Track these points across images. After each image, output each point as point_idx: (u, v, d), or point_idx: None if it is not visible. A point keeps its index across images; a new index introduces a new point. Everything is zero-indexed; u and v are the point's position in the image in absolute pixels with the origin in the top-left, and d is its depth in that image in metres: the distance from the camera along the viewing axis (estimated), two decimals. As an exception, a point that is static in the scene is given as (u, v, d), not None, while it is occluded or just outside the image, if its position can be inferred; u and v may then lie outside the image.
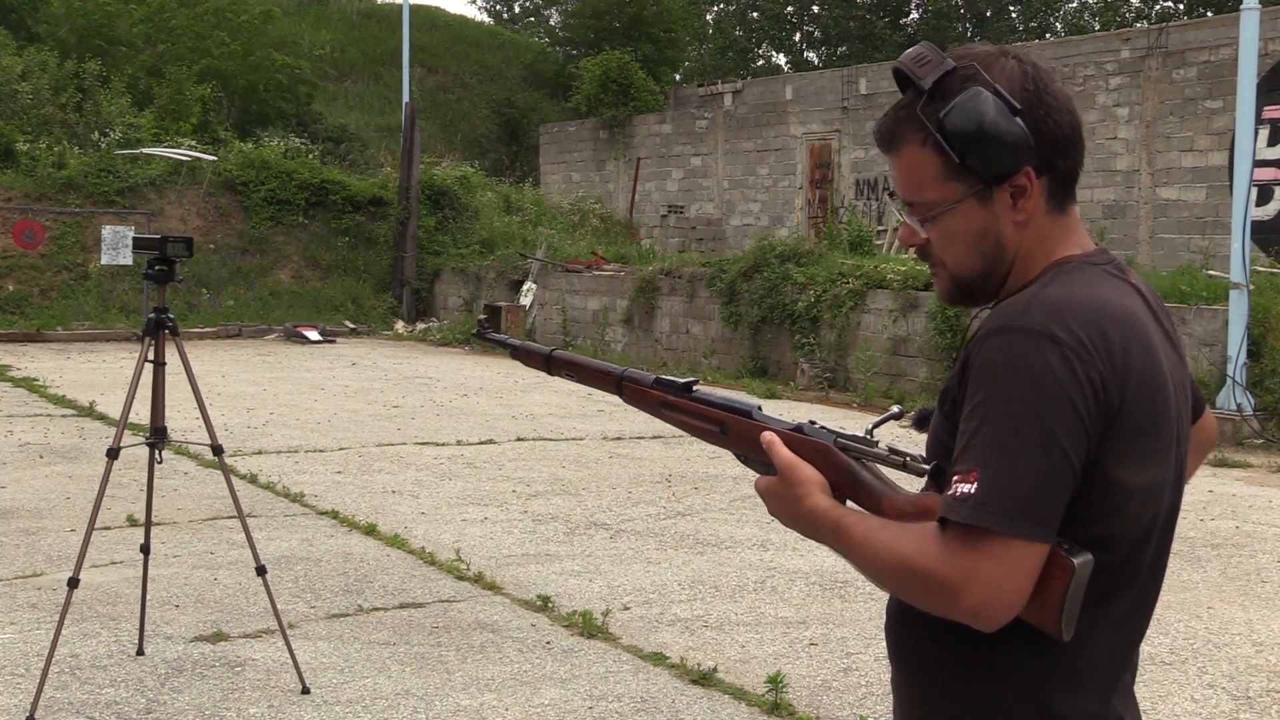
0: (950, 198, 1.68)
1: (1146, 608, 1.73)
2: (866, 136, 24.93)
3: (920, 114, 1.66)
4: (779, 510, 1.75)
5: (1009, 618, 1.52)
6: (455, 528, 7.58)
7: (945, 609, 1.53)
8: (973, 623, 1.52)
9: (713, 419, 1.87)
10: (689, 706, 4.67)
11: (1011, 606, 1.51)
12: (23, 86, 25.73)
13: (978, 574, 1.49)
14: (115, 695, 4.70)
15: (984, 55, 1.69)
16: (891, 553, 1.57)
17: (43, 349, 19.33)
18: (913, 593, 1.57)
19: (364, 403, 13.52)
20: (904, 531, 1.59)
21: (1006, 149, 1.63)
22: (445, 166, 27.92)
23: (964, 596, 1.50)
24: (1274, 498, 8.90)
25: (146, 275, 4.92)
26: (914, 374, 14.23)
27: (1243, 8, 11.70)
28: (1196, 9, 37.98)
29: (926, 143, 1.67)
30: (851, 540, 1.63)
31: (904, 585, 1.58)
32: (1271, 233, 17.11)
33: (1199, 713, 4.67)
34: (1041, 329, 1.56)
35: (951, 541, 1.51)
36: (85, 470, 9.15)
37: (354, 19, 43.24)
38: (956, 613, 1.52)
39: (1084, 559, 1.53)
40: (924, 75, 1.66)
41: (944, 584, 1.51)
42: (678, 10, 40.84)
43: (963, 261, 1.72)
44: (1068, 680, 1.65)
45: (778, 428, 1.80)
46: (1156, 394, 1.62)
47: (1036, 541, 1.51)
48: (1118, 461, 1.58)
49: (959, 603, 1.51)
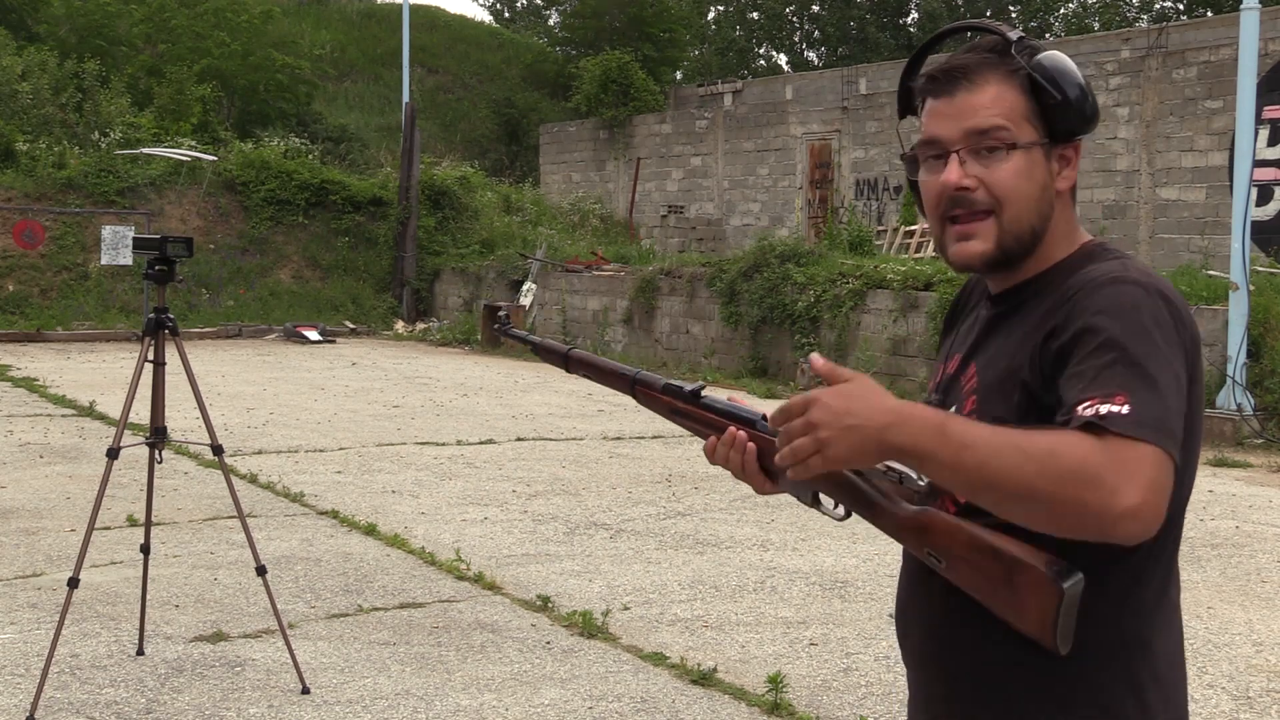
0: (1030, 137, 1.69)
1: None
2: (866, 136, 24.95)
3: (1015, 53, 1.70)
4: (856, 407, 1.50)
5: (1157, 526, 1.47)
6: (455, 528, 7.58)
7: (1099, 507, 1.44)
8: (1125, 525, 1.45)
9: (718, 427, 1.85)
10: (689, 706, 4.67)
11: (1160, 516, 1.47)
12: (23, 86, 25.74)
13: (1142, 476, 1.45)
14: (115, 695, 4.70)
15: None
16: (1039, 446, 1.45)
17: (43, 349, 19.33)
18: (1059, 491, 1.44)
19: (364, 403, 13.52)
20: (1046, 431, 1.49)
21: (1085, 109, 1.68)
22: (445, 166, 27.93)
23: (1125, 495, 1.43)
24: (1274, 498, 8.90)
25: (146, 275, 4.92)
26: (914, 374, 14.23)
27: (1243, 8, 11.70)
28: (1196, 9, 37.98)
29: (1011, 79, 1.69)
30: (971, 432, 1.49)
31: (1049, 482, 1.44)
32: (1271, 233, 17.12)
33: (1199, 713, 4.67)
34: (1157, 287, 1.60)
35: (1113, 446, 1.45)
36: (85, 470, 9.15)
37: (354, 19, 43.26)
38: (1112, 511, 1.44)
39: (1074, 581, 1.53)
40: (1008, 30, 1.70)
41: (1104, 480, 1.43)
42: (678, 10, 40.86)
43: (1022, 211, 1.70)
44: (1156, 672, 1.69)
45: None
46: (1202, 378, 1.67)
47: (1175, 465, 1.50)
48: (1187, 430, 1.60)
49: (1118, 500, 1.43)
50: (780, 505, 8.37)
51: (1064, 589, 1.51)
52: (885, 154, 24.54)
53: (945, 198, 1.71)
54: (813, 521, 7.85)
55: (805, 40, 46.57)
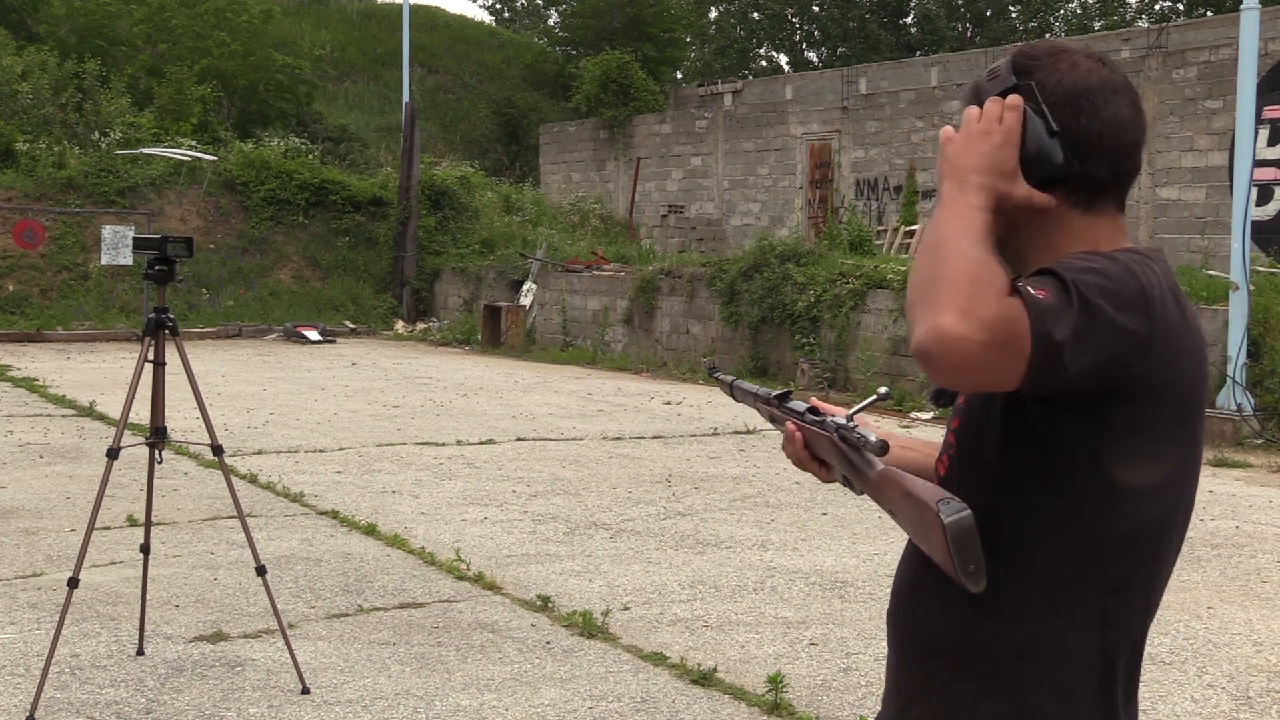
0: None
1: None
2: (866, 136, 24.95)
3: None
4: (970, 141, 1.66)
5: (952, 375, 1.50)
6: (455, 528, 7.58)
7: (935, 308, 1.49)
8: (930, 339, 1.47)
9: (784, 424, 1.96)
10: (689, 706, 4.67)
11: (968, 368, 1.48)
12: (23, 86, 25.74)
13: (993, 328, 1.47)
14: (115, 695, 4.70)
15: (1046, 53, 1.76)
16: (957, 247, 1.53)
17: (43, 349, 19.34)
18: (935, 273, 1.52)
19: (364, 403, 13.53)
20: (983, 250, 1.55)
21: (1038, 164, 1.70)
22: (445, 166, 27.94)
23: (958, 319, 1.46)
24: (1274, 498, 8.90)
25: (146, 275, 4.92)
26: (914, 374, 14.23)
27: (1243, 8, 11.70)
28: (1196, 9, 37.99)
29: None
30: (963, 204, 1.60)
31: (938, 262, 1.53)
32: (1271, 233, 17.12)
33: (1199, 713, 4.67)
34: (1127, 264, 1.62)
35: (1006, 297, 1.50)
36: (85, 470, 9.15)
37: (354, 19, 43.27)
38: (934, 320, 1.47)
39: (957, 515, 1.56)
40: (989, 92, 1.74)
41: (962, 296, 1.48)
42: (678, 10, 40.85)
43: None
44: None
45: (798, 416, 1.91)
46: (1193, 381, 1.72)
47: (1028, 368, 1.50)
48: (1175, 443, 1.69)
49: (946, 318, 1.47)
50: (780, 505, 8.37)
51: (945, 522, 1.55)
52: (885, 154, 24.54)
53: None
54: (813, 521, 7.86)
55: (805, 40, 46.57)
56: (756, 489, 8.94)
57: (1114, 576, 1.68)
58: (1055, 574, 1.67)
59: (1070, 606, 1.68)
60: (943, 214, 1.60)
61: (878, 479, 1.71)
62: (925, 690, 1.77)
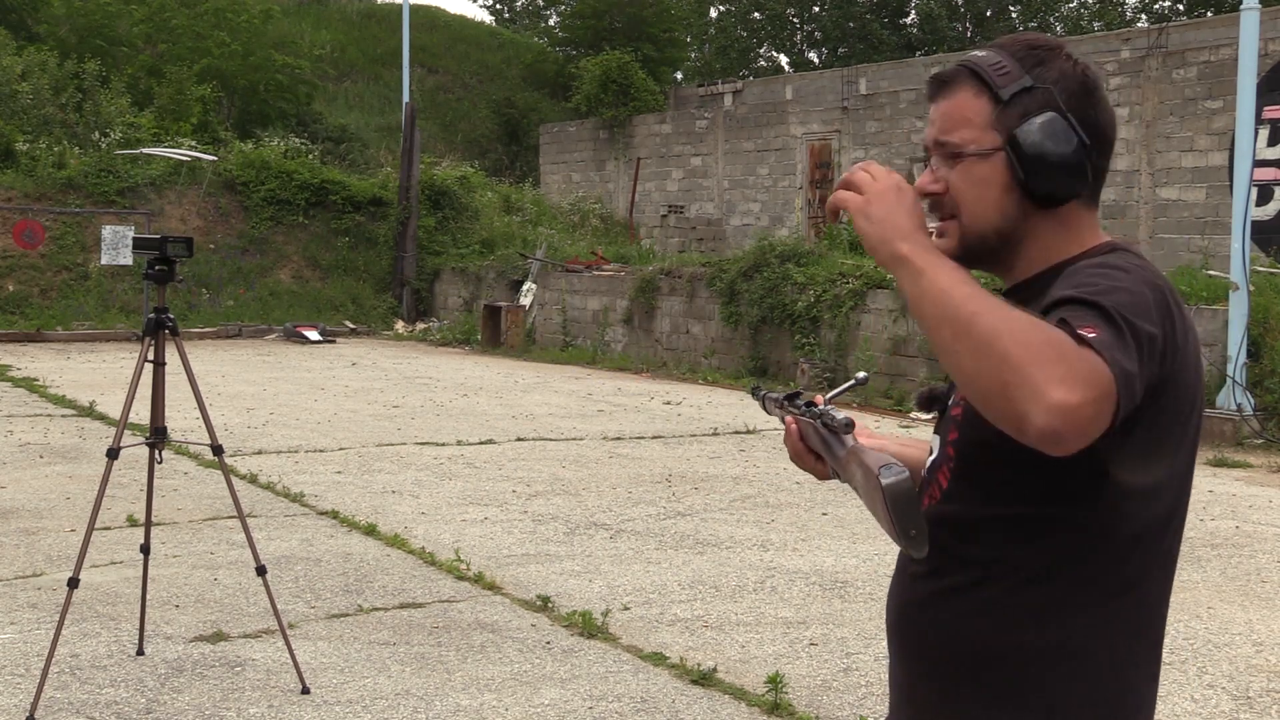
0: (987, 144, 1.72)
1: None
2: (867, 136, 24.95)
3: (995, 124, 1.71)
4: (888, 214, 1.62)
5: (1075, 446, 1.45)
6: (455, 528, 7.58)
7: (1037, 385, 1.43)
8: (1048, 418, 1.42)
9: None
10: (689, 706, 4.67)
11: (1083, 439, 1.45)
12: (23, 86, 25.74)
13: (1095, 388, 1.43)
14: (115, 695, 4.70)
15: (1045, 49, 1.75)
16: (1020, 314, 1.49)
17: (43, 349, 19.34)
18: (1015, 354, 1.44)
19: (364, 403, 13.53)
20: (1015, 308, 1.51)
21: (1065, 173, 1.71)
22: (445, 166, 27.95)
23: (1068, 389, 1.42)
24: (1274, 498, 8.90)
25: (146, 275, 4.92)
26: (914, 374, 14.23)
27: (1243, 8, 11.70)
28: (1196, 9, 37.99)
29: (979, 95, 1.73)
30: (954, 279, 1.54)
31: (1011, 342, 1.45)
32: (1271, 233, 17.11)
33: (1199, 713, 4.67)
34: (1143, 274, 1.62)
35: (1081, 348, 1.46)
36: (85, 470, 9.15)
37: (354, 19, 43.26)
38: (1044, 398, 1.42)
39: (893, 478, 1.55)
40: (1003, 85, 1.71)
41: (1062, 363, 1.43)
42: (678, 10, 40.84)
43: (980, 214, 1.73)
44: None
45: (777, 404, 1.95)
46: (1194, 380, 1.72)
47: (1114, 417, 1.48)
48: (1172, 438, 1.69)
49: (1054, 390, 1.42)
50: (780, 505, 8.37)
51: (883, 484, 1.55)
52: (885, 154, 24.53)
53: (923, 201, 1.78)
54: (813, 521, 7.86)
55: (806, 40, 46.57)
56: (756, 489, 8.94)
57: (1131, 575, 1.70)
58: (1075, 578, 1.68)
59: (1093, 608, 1.68)
60: (936, 283, 1.54)
61: (845, 456, 1.71)
62: (945, 701, 1.75)
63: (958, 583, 1.72)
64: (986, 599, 1.70)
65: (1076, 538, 1.67)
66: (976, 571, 1.71)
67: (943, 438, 1.79)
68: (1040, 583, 1.68)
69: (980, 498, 1.70)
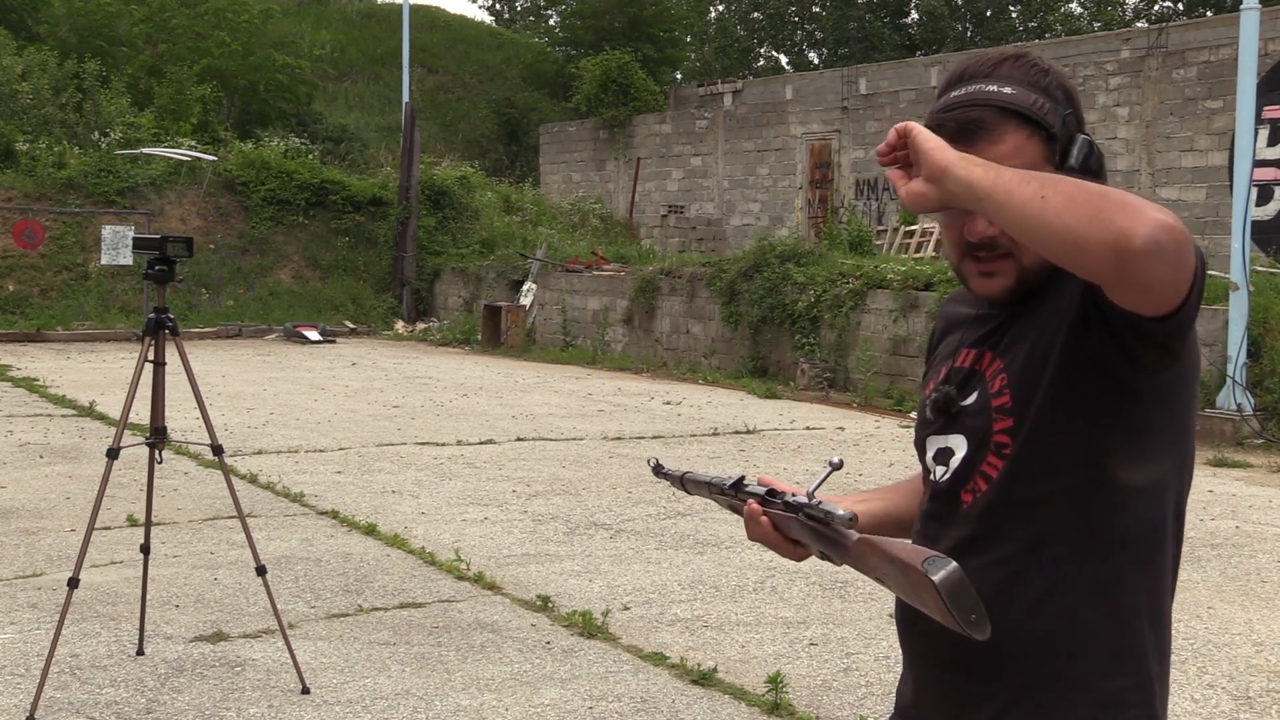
0: None
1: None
2: (867, 136, 24.94)
3: (1051, 160, 1.75)
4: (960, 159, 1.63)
5: (1177, 275, 1.52)
6: (455, 528, 7.58)
7: (1129, 221, 1.49)
8: (1149, 237, 1.48)
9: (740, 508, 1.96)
10: (689, 706, 4.67)
11: (1183, 267, 1.52)
12: (23, 86, 25.74)
13: (1175, 233, 1.49)
14: (115, 695, 4.70)
15: (1040, 70, 1.78)
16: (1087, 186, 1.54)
17: (43, 349, 19.34)
18: (1098, 208, 1.51)
19: (364, 403, 13.53)
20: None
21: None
22: (445, 166, 27.95)
23: (1157, 216, 1.48)
24: (1274, 498, 8.90)
25: (146, 275, 4.92)
26: (914, 374, 14.22)
27: (1243, 8, 11.70)
28: (1196, 9, 37.99)
29: (1026, 128, 1.75)
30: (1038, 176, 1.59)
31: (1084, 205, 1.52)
32: (1271, 233, 17.11)
33: (1199, 713, 4.67)
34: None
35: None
36: (85, 470, 9.15)
37: (354, 19, 43.25)
38: (1144, 221, 1.48)
39: (945, 572, 1.55)
40: (1053, 123, 1.75)
41: (1142, 206, 1.50)
42: (679, 10, 40.83)
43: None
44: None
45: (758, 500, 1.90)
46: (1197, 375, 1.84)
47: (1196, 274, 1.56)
48: (1179, 431, 1.80)
49: (1147, 217, 1.48)
50: (780, 505, 8.36)
51: (935, 581, 1.55)
52: (885, 154, 24.50)
53: (971, 242, 1.79)
54: (813, 521, 7.84)
55: (806, 40, 46.57)
56: (756, 489, 8.93)
57: (1173, 553, 1.79)
58: (1128, 557, 1.75)
59: (1149, 580, 1.77)
60: (1027, 177, 1.57)
61: (856, 549, 1.71)
62: (995, 694, 1.77)
63: (1013, 569, 1.76)
64: (1040, 581, 1.75)
65: (1149, 513, 1.74)
66: (1027, 552, 1.75)
67: (972, 433, 1.80)
68: (1097, 559, 1.73)
69: (1044, 469, 1.73)
